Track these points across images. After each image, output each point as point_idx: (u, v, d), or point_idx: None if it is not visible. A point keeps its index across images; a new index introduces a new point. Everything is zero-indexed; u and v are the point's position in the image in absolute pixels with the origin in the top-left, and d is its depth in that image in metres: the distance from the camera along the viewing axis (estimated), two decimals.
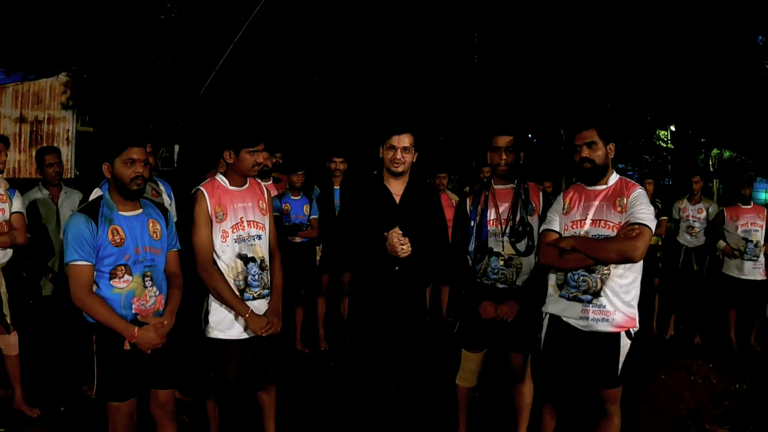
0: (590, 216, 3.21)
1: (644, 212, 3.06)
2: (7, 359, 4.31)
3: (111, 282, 2.93)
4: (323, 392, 4.83)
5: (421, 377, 3.61)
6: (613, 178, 3.25)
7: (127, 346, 2.93)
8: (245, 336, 3.38)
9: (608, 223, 3.15)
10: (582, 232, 3.20)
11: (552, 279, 3.33)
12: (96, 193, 3.84)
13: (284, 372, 3.78)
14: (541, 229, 3.39)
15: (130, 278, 2.96)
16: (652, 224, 3.05)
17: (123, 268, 2.94)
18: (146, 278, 3.02)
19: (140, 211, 3.08)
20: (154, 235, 3.08)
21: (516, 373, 3.74)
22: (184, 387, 4.18)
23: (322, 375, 5.38)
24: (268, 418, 3.68)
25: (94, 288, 2.92)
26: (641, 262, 3.15)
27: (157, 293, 3.07)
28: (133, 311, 2.97)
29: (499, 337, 3.61)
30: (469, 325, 3.70)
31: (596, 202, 3.21)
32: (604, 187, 3.24)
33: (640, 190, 3.17)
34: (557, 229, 3.29)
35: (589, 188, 3.28)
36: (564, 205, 3.32)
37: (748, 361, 6.13)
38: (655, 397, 4.99)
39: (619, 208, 3.13)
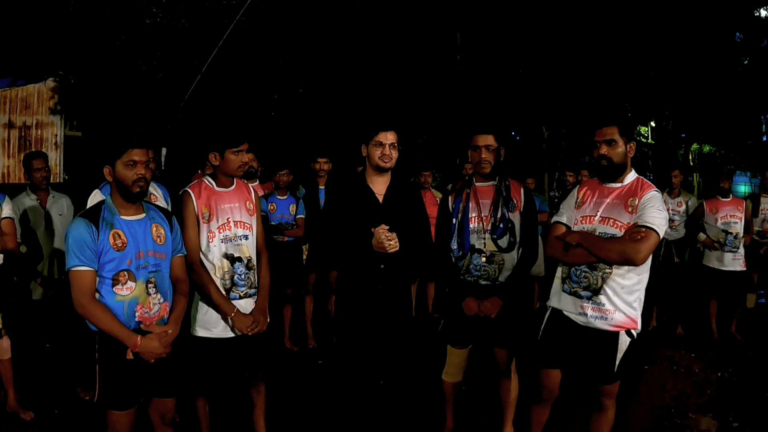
0: (600, 213, 3.17)
1: (654, 216, 3.01)
2: None
3: (114, 289, 2.83)
4: (312, 389, 4.88)
5: (408, 373, 3.65)
6: (630, 177, 3.21)
7: (129, 356, 2.83)
8: (231, 335, 3.41)
9: (617, 222, 3.11)
10: (590, 229, 3.17)
11: (558, 272, 3.32)
12: (95, 195, 3.85)
13: (274, 369, 3.82)
14: (552, 221, 3.39)
15: (133, 285, 2.85)
16: (661, 229, 3.00)
17: (126, 273, 2.84)
18: (150, 285, 2.91)
19: (143, 215, 2.97)
20: (158, 239, 2.98)
21: (501, 369, 3.77)
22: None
23: (310, 372, 5.41)
24: (258, 416, 3.70)
25: (96, 296, 2.82)
26: (647, 265, 3.11)
27: (162, 300, 2.97)
28: (137, 319, 2.87)
29: (483, 332, 3.65)
30: (453, 321, 3.74)
31: (608, 200, 3.17)
32: (619, 185, 3.19)
33: (655, 192, 3.11)
34: (566, 222, 3.29)
35: (604, 185, 3.24)
36: (577, 199, 3.31)
37: (729, 350, 6.23)
38: (638, 387, 5.04)
39: (630, 209, 3.09)
